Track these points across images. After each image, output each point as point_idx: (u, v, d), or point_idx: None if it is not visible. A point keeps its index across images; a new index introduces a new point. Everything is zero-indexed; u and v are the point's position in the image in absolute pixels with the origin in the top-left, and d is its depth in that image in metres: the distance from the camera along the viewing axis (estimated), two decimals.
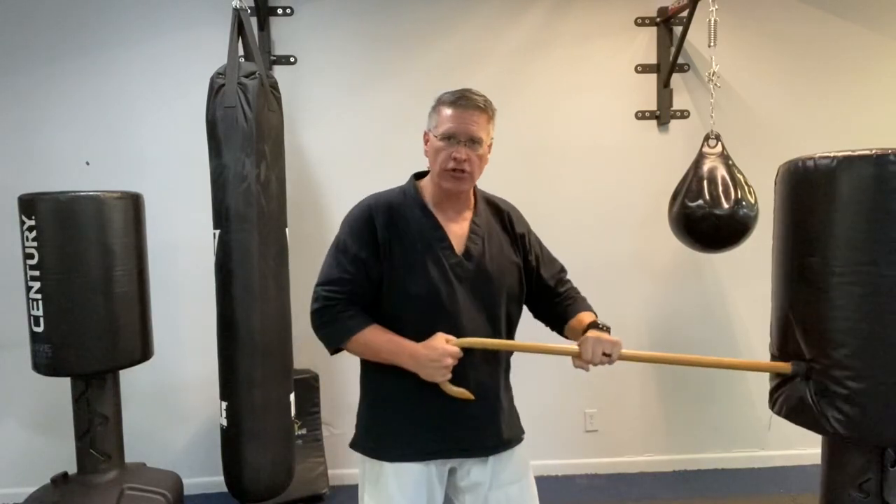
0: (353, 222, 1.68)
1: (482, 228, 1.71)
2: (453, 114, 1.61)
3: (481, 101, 1.64)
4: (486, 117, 1.64)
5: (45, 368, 2.45)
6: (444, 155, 1.61)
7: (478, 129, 1.61)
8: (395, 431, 1.66)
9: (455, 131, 1.60)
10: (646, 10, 3.41)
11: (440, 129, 1.63)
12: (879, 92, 3.49)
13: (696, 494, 3.28)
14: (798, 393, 1.58)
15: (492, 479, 1.71)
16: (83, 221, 2.40)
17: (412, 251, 1.62)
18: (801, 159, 1.58)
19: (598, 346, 1.60)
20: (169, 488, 2.60)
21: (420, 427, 1.64)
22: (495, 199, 1.82)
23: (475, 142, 1.61)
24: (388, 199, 1.70)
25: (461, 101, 1.62)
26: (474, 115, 1.61)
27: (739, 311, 3.52)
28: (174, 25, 3.24)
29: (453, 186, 1.64)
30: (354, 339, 1.60)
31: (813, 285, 1.52)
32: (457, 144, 1.60)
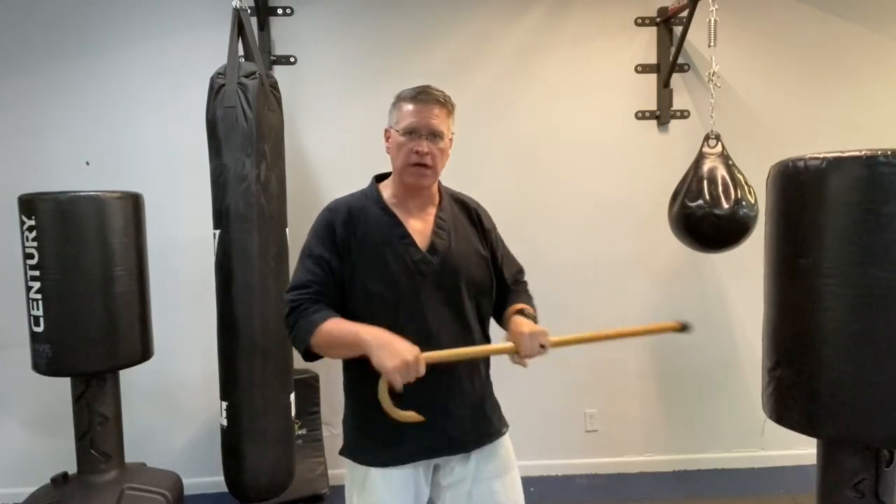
0: (315, 226, 1.69)
1: (448, 222, 1.71)
2: (414, 109, 1.63)
3: (441, 96, 1.66)
4: (446, 111, 1.66)
5: (45, 368, 2.45)
6: (405, 150, 1.63)
7: (439, 123, 1.63)
8: (378, 436, 1.65)
9: (416, 125, 1.62)
10: (646, 10, 3.41)
11: (402, 125, 1.64)
12: (880, 92, 3.49)
13: (696, 494, 3.28)
14: (790, 395, 1.58)
15: (475, 473, 1.70)
16: (83, 221, 2.40)
17: (371, 249, 1.63)
18: (791, 160, 1.58)
19: (534, 339, 1.57)
20: (169, 488, 2.60)
21: (402, 429, 1.59)
22: (462, 196, 1.83)
23: (436, 135, 1.63)
24: (347, 202, 1.72)
25: (421, 96, 1.64)
26: (434, 109, 1.63)
27: (739, 311, 3.52)
28: (174, 25, 3.24)
29: (416, 181, 1.65)
30: (318, 332, 1.55)
31: (804, 286, 1.52)
32: (418, 138, 1.62)
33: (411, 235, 1.66)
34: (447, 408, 1.65)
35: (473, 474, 1.70)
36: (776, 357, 1.63)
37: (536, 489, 3.31)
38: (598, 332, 1.75)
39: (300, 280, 1.63)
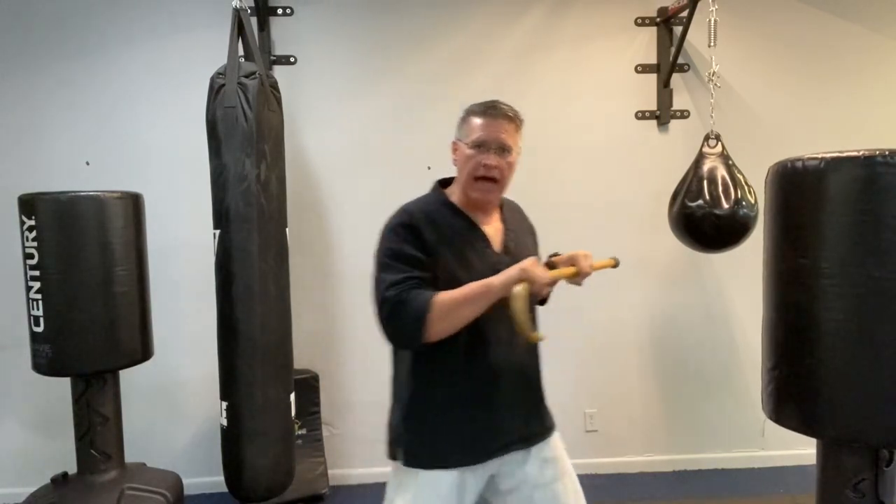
0: (395, 229, 1.65)
1: (512, 225, 1.78)
2: (484, 123, 1.66)
3: (510, 111, 1.69)
4: (515, 126, 1.69)
5: (45, 368, 2.45)
6: (473, 162, 1.65)
7: (507, 138, 1.66)
8: (448, 438, 1.65)
9: (486, 139, 1.65)
10: (646, 11, 3.42)
11: (471, 138, 1.67)
12: (880, 92, 3.49)
13: (696, 494, 3.28)
14: (790, 396, 1.58)
15: (536, 476, 1.72)
16: (83, 221, 2.40)
17: (457, 251, 1.64)
18: (790, 160, 1.58)
19: (587, 259, 1.69)
20: (169, 488, 2.60)
21: (462, 433, 1.64)
22: (510, 201, 1.88)
23: (505, 150, 1.66)
24: (420, 207, 1.71)
25: (491, 110, 1.68)
26: (504, 123, 1.66)
27: (739, 311, 3.52)
28: (174, 26, 3.24)
29: (482, 196, 1.69)
30: (434, 304, 1.52)
31: (803, 286, 1.52)
32: (487, 152, 1.65)
33: (488, 238, 1.70)
34: (512, 401, 1.69)
35: (534, 478, 1.72)
36: (776, 357, 1.63)
37: None
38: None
39: (395, 279, 1.57)
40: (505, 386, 1.67)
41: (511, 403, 1.68)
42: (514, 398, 1.69)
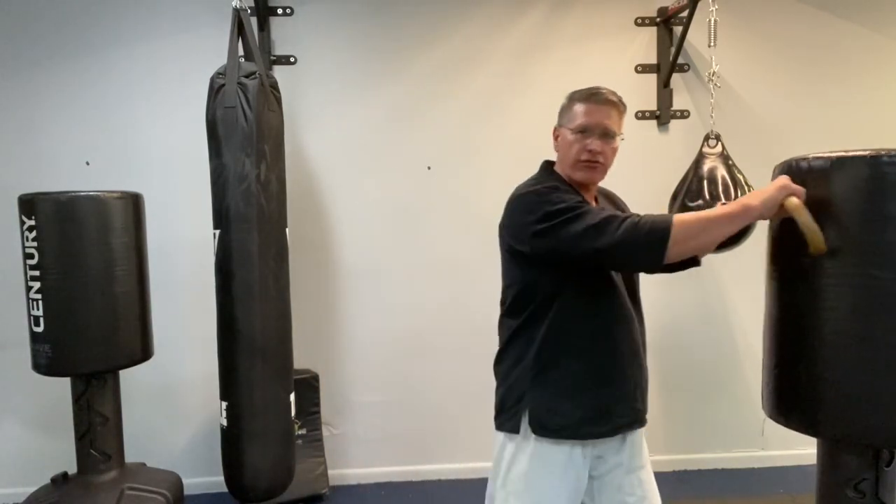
0: (538, 191, 1.67)
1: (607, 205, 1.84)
2: (587, 108, 1.70)
3: (614, 97, 1.72)
4: (618, 112, 1.73)
5: (45, 368, 2.45)
6: (577, 147, 1.70)
7: (611, 123, 1.71)
8: (580, 409, 1.67)
9: (589, 124, 1.69)
10: (646, 10, 3.41)
11: (575, 123, 1.71)
12: (880, 92, 3.49)
13: (696, 494, 3.28)
14: (790, 396, 1.58)
15: (628, 462, 1.76)
16: (83, 221, 2.40)
17: None
18: (794, 160, 1.58)
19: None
20: (169, 488, 2.60)
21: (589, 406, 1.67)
22: (603, 188, 1.96)
23: (608, 134, 1.70)
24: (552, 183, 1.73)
25: (594, 96, 1.71)
26: (607, 109, 1.70)
27: (739, 311, 3.52)
28: (174, 26, 3.24)
29: (587, 176, 1.73)
30: (679, 223, 1.53)
31: (805, 286, 1.52)
32: (591, 136, 1.69)
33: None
34: (638, 376, 1.75)
35: (626, 463, 1.76)
36: (776, 357, 1.63)
37: None
38: None
39: (603, 216, 1.58)
40: (626, 363, 1.72)
41: (631, 382, 1.72)
42: (634, 377, 1.73)
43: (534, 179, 1.78)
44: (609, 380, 1.70)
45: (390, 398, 3.39)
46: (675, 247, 1.52)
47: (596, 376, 1.68)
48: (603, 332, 1.69)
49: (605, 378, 1.69)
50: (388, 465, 3.39)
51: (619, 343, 1.71)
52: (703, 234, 1.53)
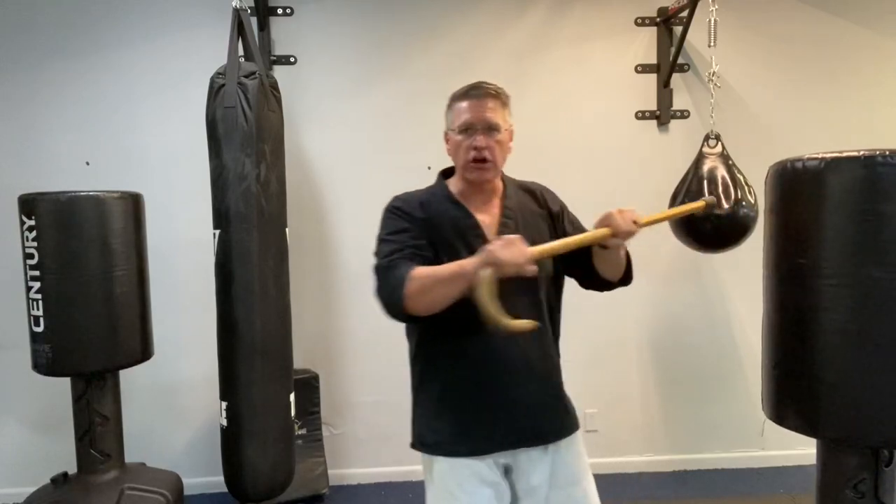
0: (388, 211, 1.68)
1: (515, 211, 1.70)
2: (467, 105, 1.64)
3: (493, 89, 1.66)
4: (500, 103, 1.66)
5: (45, 368, 2.45)
6: (464, 147, 1.63)
7: (493, 116, 1.63)
8: (455, 424, 1.63)
9: (471, 121, 1.63)
10: (646, 11, 3.41)
11: (457, 123, 1.65)
12: (880, 92, 3.49)
13: (696, 494, 3.28)
14: (790, 396, 1.59)
15: (551, 478, 1.66)
16: (83, 221, 2.40)
17: (445, 240, 1.62)
18: (789, 160, 1.58)
19: (624, 215, 1.57)
20: (169, 488, 2.60)
21: (480, 417, 1.61)
22: (526, 183, 1.83)
23: (492, 128, 1.63)
24: (417, 196, 1.71)
25: (472, 91, 1.65)
26: (487, 102, 1.63)
27: (739, 311, 3.52)
28: (174, 26, 3.24)
29: (478, 176, 1.65)
30: (412, 277, 1.49)
31: (803, 286, 1.52)
32: (475, 134, 1.62)
33: (481, 227, 1.65)
34: (523, 400, 1.63)
35: (549, 479, 1.66)
36: (776, 357, 1.63)
37: None
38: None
39: (389, 249, 1.59)
40: (507, 377, 1.62)
41: (516, 397, 1.62)
42: (520, 391, 1.63)
43: (398, 195, 1.73)
44: (479, 394, 1.62)
45: (391, 398, 3.38)
46: (411, 302, 1.50)
47: (462, 390, 1.63)
48: (470, 341, 1.59)
49: (474, 392, 1.62)
50: (388, 465, 3.39)
51: (495, 352, 1.60)
52: (431, 292, 1.50)
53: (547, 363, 1.71)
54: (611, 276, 1.73)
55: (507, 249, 1.42)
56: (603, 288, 1.79)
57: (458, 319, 1.54)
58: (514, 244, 1.44)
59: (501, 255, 1.42)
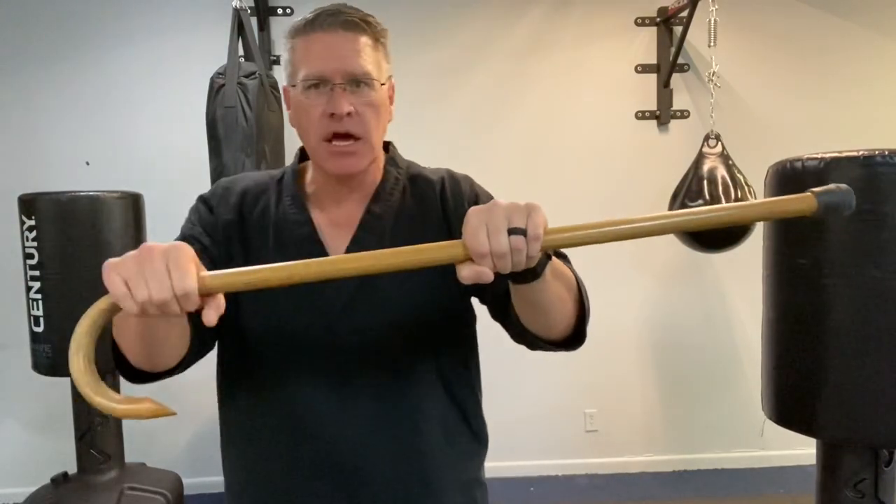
0: (194, 205, 1.15)
1: (384, 219, 1.05)
2: (314, 43, 0.98)
3: (355, 16, 1.00)
4: (369, 39, 1.00)
5: (45, 368, 2.45)
6: (315, 114, 0.98)
7: (360, 60, 0.97)
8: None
9: (323, 69, 0.97)
10: (646, 11, 3.41)
11: (301, 73, 0.98)
12: (880, 92, 3.49)
13: (696, 494, 3.28)
14: (790, 396, 1.59)
15: None
16: (83, 221, 2.40)
17: (256, 257, 1.00)
18: (789, 160, 1.58)
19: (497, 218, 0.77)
20: (169, 488, 2.60)
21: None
22: (425, 171, 1.16)
23: (359, 80, 0.98)
24: (245, 182, 1.13)
25: (319, 21, 0.99)
26: (347, 38, 0.98)
27: (739, 311, 3.52)
28: (174, 25, 3.24)
29: (342, 166, 1.00)
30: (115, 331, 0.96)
31: (803, 287, 1.53)
32: (328, 91, 0.97)
33: (322, 241, 1.04)
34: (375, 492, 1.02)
35: None
36: (776, 357, 1.63)
37: (536, 489, 3.31)
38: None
39: None
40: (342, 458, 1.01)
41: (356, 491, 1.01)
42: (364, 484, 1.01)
43: (226, 178, 1.22)
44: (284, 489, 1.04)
45: None
46: (118, 339, 1.08)
47: (261, 486, 1.06)
48: (266, 407, 1.04)
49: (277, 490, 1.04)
50: None
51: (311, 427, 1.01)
52: (125, 335, 1.05)
53: (405, 449, 1.03)
54: (542, 331, 0.98)
55: (139, 263, 0.77)
56: (534, 345, 1.03)
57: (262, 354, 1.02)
58: (159, 256, 0.76)
59: (117, 278, 0.78)
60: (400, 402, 1.02)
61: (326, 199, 1.07)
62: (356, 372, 1.00)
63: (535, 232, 0.77)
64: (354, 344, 1.00)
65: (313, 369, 1.00)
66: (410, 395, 1.03)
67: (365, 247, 0.97)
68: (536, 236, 0.77)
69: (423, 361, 1.04)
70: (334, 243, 1.04)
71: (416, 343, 1.04)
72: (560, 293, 0.92)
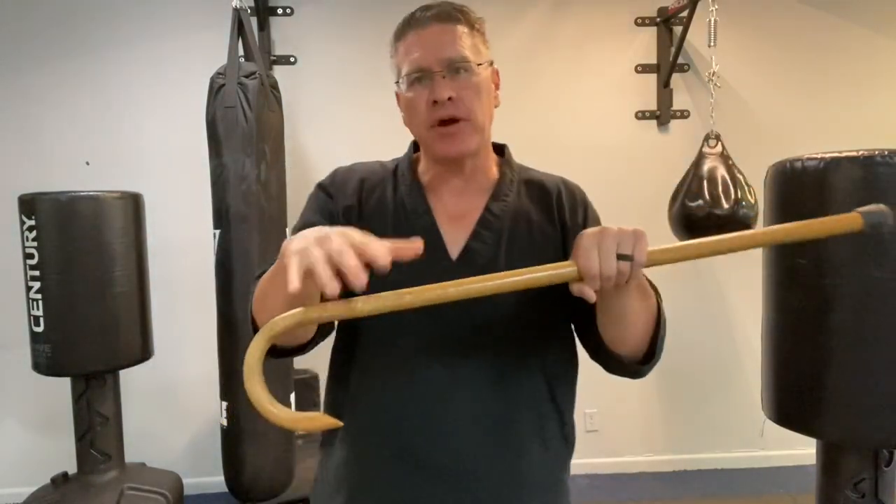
0: (313, 192, 1.18)
1: (503, 219, 1.08)
2: (411, 41, 1.06)
3: (448, 6, 1.09)
4: (465, 28, 1.09)
5: (45, 368, 2.45)
6: (421, 105, 1.04)
7: (456, 46, 1.04)
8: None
9: (421, 62, 1.03)
10: (646, 10, 3.41)
11: (403, 71, 1.06)
12: (879, 92, 3.49)
13: (696, 494, 3.28)
14: (790, 396, 1.59)
15: None
16: (83, 221, 2.40)
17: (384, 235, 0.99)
18: (789, 161, 1.58)
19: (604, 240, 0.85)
20: (169, 488, 2.60)
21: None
22: (539, 176, 1.18)
23: (458, 67, 1.04)
24: (363, 170, 1.17)
25: (416, 18, 1.07)
26: (442, 29, 1.05)
27: (739, 311, 3.52)
28: (174, 25, 3.24)
29: (450, 149, 1.05)
30: (257, 289, 1.02)
31: (802, 287, 1.53)
32: (430, 81, 1.03)
33: (440, 232, 1.06)
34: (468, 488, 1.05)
35: None
36: (776, 357, 1.63)
37: None
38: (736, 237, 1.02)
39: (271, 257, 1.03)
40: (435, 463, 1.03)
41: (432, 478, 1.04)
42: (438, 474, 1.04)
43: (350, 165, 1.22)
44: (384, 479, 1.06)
45: None
46: (259, 316, 1.03)
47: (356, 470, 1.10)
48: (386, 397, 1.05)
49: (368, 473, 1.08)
50: None
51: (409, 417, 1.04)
52: (264, 299, 1.01)
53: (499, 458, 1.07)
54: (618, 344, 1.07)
55: (295, 243, 0.83)
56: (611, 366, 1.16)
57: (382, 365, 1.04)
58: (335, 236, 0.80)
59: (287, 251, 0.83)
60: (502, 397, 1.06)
61: (444, 190, 1.11)
62: (464, 363, 1.04)
63: (640, 259, 0.88)
64: (466, 333, 1.03)
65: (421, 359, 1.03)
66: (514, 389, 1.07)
67: (484, 243, 1.05)
68: (641, 263, 0.89)
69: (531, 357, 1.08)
70: (452, 236, 1.07)
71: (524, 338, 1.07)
72: (640, 306, 1.03)
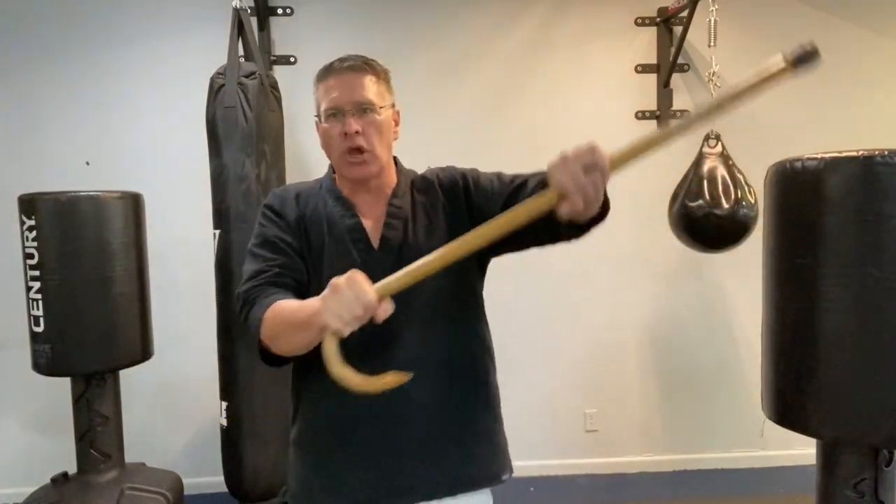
0: (261, 214, 1.42)
1: (403, 209, 1.39)
2: (329, 85, 1.36)
3: (359, 60, 1.39)
4: (372, 76, 1.37)
5: (45, 368, 2.45)
6: (335, 136, 1.34)
7: (363, 91, 1.34)
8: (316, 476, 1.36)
9: (336, 102, 1.33)
10: (646, 11, 3.41)
11: (322, 108, 1.37)
12: (879, 92, 3.49)
13: (696, 494, 3.28)
14: (790, 396, 1.59)
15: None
16: (83, 221, 2.40)
17: (321, 246, 1.35)
18: (789, 160, 1.58)
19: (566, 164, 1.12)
20: (169, 488, 2.60)
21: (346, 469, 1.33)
22: (424, 172, 1.51)
23: (365, 108, 1.33)
24: (294, 189, 1.46)
25: (335, 66, 1.38)
26: (353, 77, 1.35)
27: (739, 311, 3.52)
28: (174, 25, 3.24)
29: (356, 172, 1.35)
30: (267, 315, 1.24)
31: (802, 286, 1.53)
32: (343, 118, 1.33)
33: (365, 229, 1.36)
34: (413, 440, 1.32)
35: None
36: (776, 357, 1.63)
37: (536, 489, 3.31)
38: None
39: (253, 269, 1.34)
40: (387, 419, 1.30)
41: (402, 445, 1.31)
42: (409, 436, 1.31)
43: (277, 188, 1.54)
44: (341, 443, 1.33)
45: None
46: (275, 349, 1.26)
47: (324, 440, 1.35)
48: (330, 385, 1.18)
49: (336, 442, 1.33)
50: None
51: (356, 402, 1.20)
52: (285, 338, 1.23)
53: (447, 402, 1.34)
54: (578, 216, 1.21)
55: (337, 299, 1.07)
56: (569, 237, 1.36)
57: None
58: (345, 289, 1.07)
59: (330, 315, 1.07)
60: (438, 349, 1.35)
61: (359, 199, 1.40)
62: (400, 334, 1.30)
63: (604, 167, 1.16)
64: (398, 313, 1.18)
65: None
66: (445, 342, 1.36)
67: (395, 230, 1.36)
68: (607, 170, 1.17)
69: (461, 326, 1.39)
70: (372, 232, 1.37)
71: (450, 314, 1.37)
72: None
